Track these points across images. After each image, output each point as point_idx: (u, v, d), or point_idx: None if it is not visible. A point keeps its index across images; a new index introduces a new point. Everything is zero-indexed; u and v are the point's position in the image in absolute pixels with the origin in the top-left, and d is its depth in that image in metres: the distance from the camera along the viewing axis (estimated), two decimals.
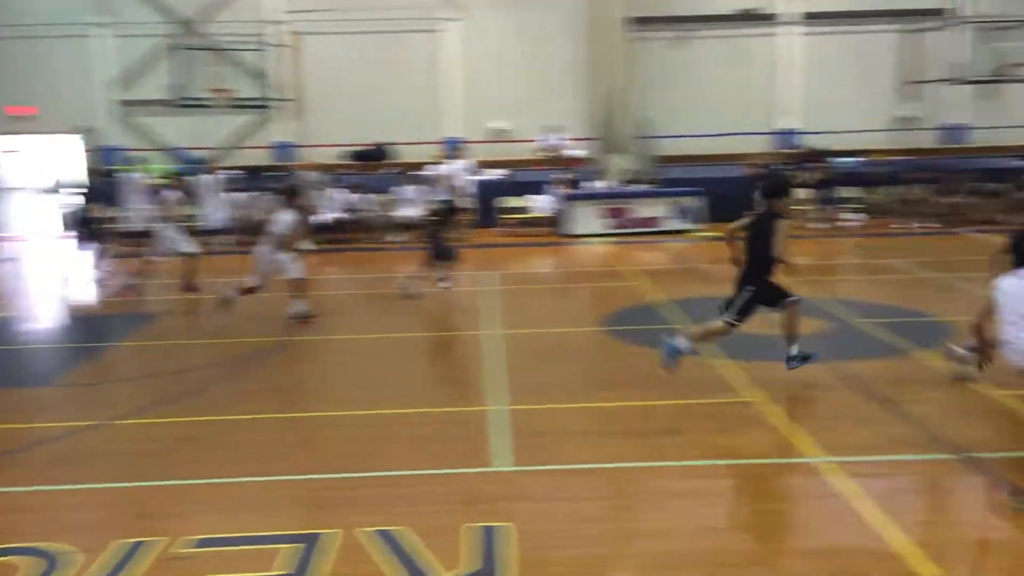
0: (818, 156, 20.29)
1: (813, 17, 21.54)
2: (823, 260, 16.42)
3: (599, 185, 19.87)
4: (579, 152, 21.50)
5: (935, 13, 21.07)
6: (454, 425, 7.41)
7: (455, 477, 6.21)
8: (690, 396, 7.93)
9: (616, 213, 19.05)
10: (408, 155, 21.15)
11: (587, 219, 18.62)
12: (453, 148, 20.74)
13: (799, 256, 16.56)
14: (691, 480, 6.19)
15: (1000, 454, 6.44)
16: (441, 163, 19.77)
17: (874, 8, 21.38)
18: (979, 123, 21.95)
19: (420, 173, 19.36)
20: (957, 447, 6.54)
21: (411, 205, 18.49)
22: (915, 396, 7.88)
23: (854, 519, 5.46)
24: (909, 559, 4.91)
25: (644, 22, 21.58)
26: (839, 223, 19.01)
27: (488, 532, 5.31)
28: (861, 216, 19.43)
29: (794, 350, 8.30)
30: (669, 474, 6.27)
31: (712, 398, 7.89)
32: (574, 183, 19.49)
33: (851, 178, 19.81)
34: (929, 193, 19.09)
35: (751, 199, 20.07)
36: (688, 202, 19.04)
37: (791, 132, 21.75)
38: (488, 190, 19.98)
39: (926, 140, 21.92)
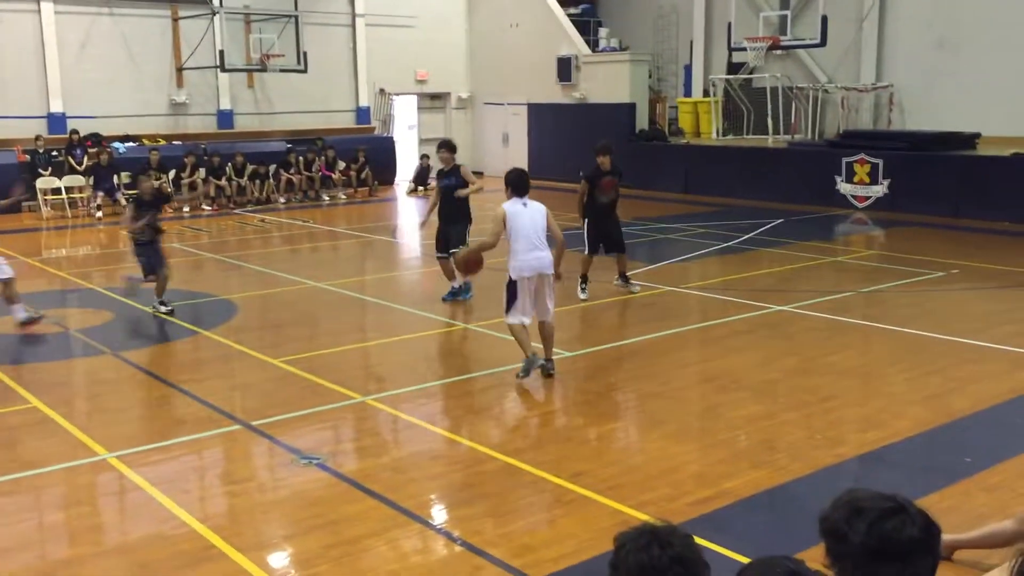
0: (95, 141, 19.63)
1: None
2: (106, 248, 16.03)
3: None
4: None
5: (200, 2, 21.70)
6: None
7: None
8: None
9: None
10: None
11: None
12: None
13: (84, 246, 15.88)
14: None
15: (281, 416, 7.04)
16: None
17: None
18: (243, 109, 23.32)
19: None
20: (243, 416, 7.00)
21: None
22: (202, 374, 8.21)
23: (155, 507, 5.51)
24: (206, 535, 5.13)
25: None
26: (117, 209, 18.69)
27: None
28: None
29: None
30: None
31: None
32: None
33: (129, 163, 19.55)
34: (203, 176, 19.79)
35: (31, 184, 18.60)
36: None
37: (64, 116, 20.58)
38: None
39: (199, 125, 22.59)
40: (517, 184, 7.75)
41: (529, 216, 7.61)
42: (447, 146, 10.68)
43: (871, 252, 14.54)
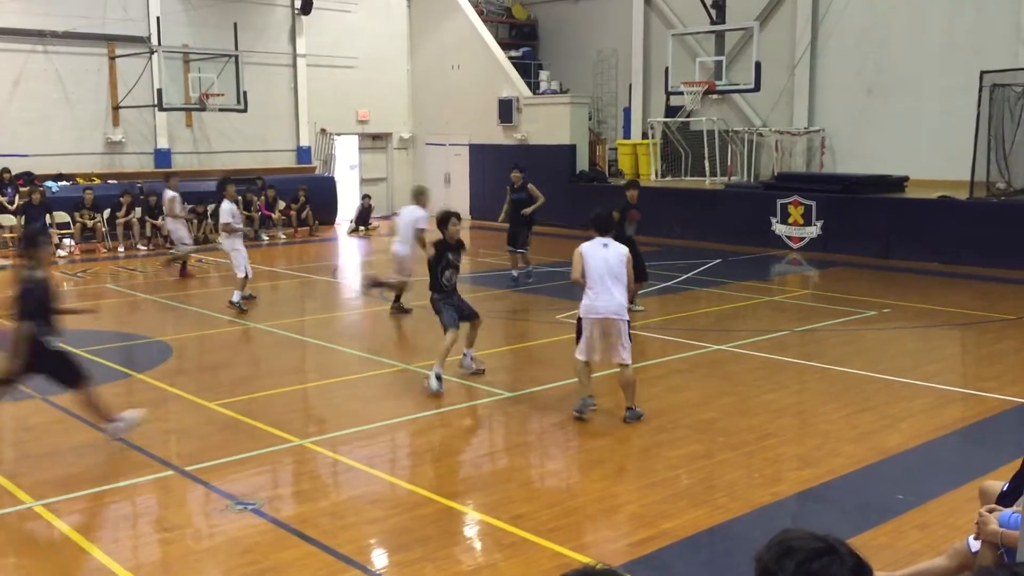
0: (27, 179, 19.22)
1: (5, 32, 20.22)
2: None
3: None
4: None
5: (138, 40, 21.49)
6: None
7: None
8: None
9: None
10: None
11: None
12: None
13: None
14: None
15: (216, 461, 6.90)
16: None
17: (76, 31, 20.93)
18: (181, 148, 23.03)
19: None
20: (177, 462, 6.84)
21: None
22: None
23: (83, 558, 5.36)
24: None
25: None
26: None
27: None
28: (70, 242, 18.92)
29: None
30: None
31: None
32: None
33: (62, 202, 19.17)
34: (139, 216, 19.48)
35: None
36: None
37: None
38: None
39: (136, 164, 22.24)
40: (597, 224, 7.81)
41: (603, 258, 7.61)
42: (519, 168, 14.75)
43: (806, 292, 14.82)
